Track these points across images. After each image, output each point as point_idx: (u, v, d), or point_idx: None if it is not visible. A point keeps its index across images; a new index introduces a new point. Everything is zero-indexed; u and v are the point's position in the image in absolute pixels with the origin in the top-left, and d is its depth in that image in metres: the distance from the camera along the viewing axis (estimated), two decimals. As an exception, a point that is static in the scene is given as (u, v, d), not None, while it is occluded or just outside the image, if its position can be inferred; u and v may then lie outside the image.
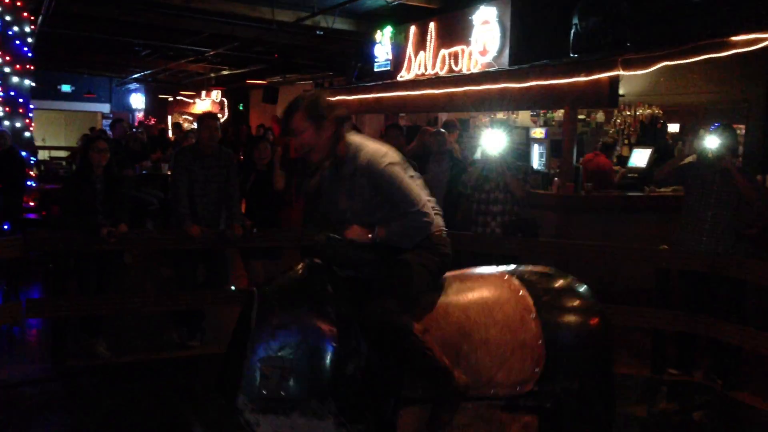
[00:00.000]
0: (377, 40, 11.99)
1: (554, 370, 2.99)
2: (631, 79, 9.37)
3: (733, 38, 6.83)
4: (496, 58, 9.30)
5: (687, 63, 7.30)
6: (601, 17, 7.57)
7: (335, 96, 13.95)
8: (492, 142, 6.19)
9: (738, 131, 9.35)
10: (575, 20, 7.82)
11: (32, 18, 10.05)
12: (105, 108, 24.58)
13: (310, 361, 2.78)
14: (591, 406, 3.10)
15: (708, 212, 5.39)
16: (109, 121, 20.93)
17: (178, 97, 25.31)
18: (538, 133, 11.44)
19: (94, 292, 5.64)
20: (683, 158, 5.80)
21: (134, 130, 11.17)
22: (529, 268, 3.36)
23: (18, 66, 9.41)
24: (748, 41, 6.81)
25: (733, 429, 5.04)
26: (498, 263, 3.62)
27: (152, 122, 21.41)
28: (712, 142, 5.42)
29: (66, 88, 23.33)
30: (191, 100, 25.05)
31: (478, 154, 7.55)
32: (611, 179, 8.84)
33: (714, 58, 7.06)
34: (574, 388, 3.03)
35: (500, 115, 11.95)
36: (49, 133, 22.18)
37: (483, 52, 9.40)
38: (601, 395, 3.16)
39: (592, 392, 3.10)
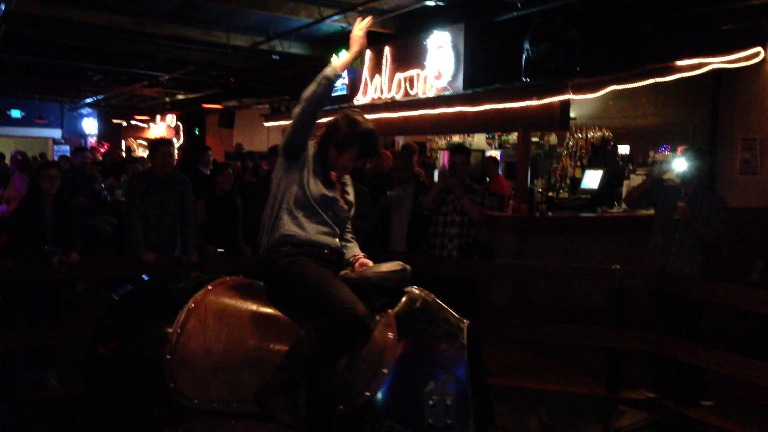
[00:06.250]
0: (333, 65, 12.03)
1: None
2: (581, 102, 9.57)
3: (678, 63, 7.09)
4: (450, 82, 9.41)
5: (635, 87, 7.52)
6: (551, 43, 7.74)
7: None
8: None
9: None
10: (526, 45, 7.97)
11: (-19, 43, 9.87)
12: (56, 133, 24.10)
13: None
14: None
15: (675, 234, 5.46)
16: (61, 146, 20.46)
17: (132, 122, 24.94)
18: (494, 155, 11.58)
19: (44, 322, 5.51)
20: (652, 181, 5.87)
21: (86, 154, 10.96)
22: None
23: (-34, 91, 9.21)
24: (693, 66, 7.07)
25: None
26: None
27: (106, 147, 21.08)
28: (679, 165, 5.58)
29: (16, 113, 22.82)
30: (146, 125, 24.69)
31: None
32: None
33: (660, 82, 7.30)
34: None
35: (456, 138, 12.08)
36: (-2, 159, 21.64)
37: (438, 77, 9.51)
38: None
39: None
